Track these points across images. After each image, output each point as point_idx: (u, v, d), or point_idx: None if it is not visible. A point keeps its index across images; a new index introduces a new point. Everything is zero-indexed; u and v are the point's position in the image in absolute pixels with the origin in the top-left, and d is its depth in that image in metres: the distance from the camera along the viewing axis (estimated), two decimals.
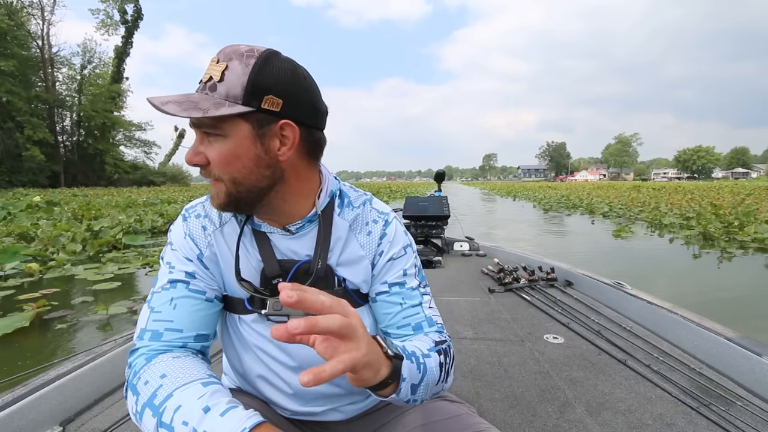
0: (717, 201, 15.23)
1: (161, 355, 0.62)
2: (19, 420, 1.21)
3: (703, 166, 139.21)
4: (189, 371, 0.58)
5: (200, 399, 0.53)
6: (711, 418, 1.34)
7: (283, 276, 0.69)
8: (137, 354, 0.63)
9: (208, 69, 0.60)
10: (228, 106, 0.57)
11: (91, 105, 40.75)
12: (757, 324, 3.56)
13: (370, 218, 0.75)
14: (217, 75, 0.58)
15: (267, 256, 0.69)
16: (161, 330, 0.64)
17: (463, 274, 3.43)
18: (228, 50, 0.59)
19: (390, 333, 0.76)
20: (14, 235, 6.92)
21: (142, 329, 0.65)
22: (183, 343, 0.65)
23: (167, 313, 0.65)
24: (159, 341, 0.64)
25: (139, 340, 0.64)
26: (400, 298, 0.73)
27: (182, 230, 0.71)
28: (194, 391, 0.55)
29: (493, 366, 1.78)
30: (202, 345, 0.67)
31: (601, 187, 42.88)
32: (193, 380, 0.57)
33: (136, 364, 0.61)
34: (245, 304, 0.70)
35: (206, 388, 0.55)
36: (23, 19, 36.29)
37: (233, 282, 0.70)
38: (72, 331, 3.33)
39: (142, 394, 0.56)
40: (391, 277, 0.74)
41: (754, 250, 6.96)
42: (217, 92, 0.58)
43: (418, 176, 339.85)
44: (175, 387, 0.55)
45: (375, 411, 0.82)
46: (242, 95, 0.57)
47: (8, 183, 29.42)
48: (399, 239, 0.75)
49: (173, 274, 0.67)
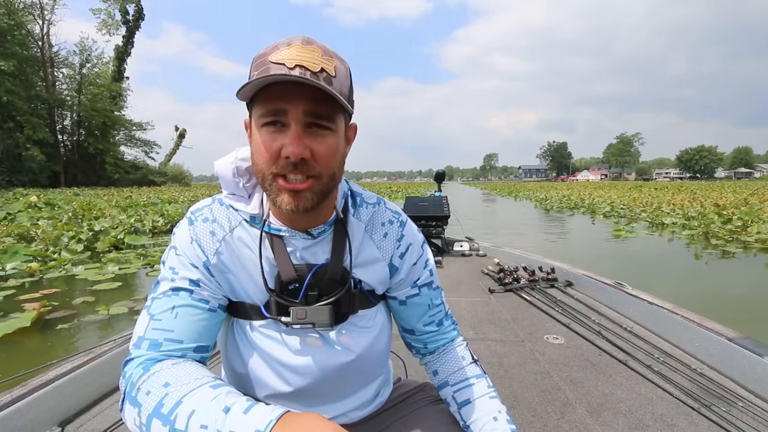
0: (721, 201, 15.21)
1: (159, 363, 0.58)
2: (18, 420, 1.20)
3: (705, 166, 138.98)
4: (192, 376, 0.56)
5: (215, 400, 0.51)
6: (712, 419, 1.33)
7: (299, 281, 0.67)
8: (132, 364, 0.59)
9: (309, 56, 0.56)
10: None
11: (91, 104, 40.76)
12: (759, 324, 3.55)
13: (386, 219, 0.74)
14: (332, 70, 0.57)
15: (283, 261, 0.67)
16: (160, 339, 0.61)
17: (463, 274, 3.43)
18: (321, 45, 0.59)
19: (416, 330, 0.81)
20: (14, 235, 6.92)
21: (139, 337, 0.61)
22: (182, 353, 0.62)
23: (168, 322, 0.61)
24: (157, 351, 0.60)
25: (136, 348, 0.61)
26: (429, 299, 0.78)
27: (188, 234, 0.66)
28: (205, 394, 0.52)
29: (494, 366, 1.78)
30: (201, 356, 0.64)
31: (602, 187, 42.86)
32: (199, 385, 0.54)
33: (132, 375, 0.57)
34: (262, 311, 0.67)
35: (217, 390, 0.53)
36: (23, 18, 36.30)
37: (247, 288, 0.67)
38: (73, 331, 3.33)
39: (145, 405, 0.53)
40: (420, 279, 0.77)
41: (757, 250, 6.94)
42: (333, 87, 0.56)
43: (419, 176, 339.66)
44: (183, 393, 0.53)
45: (378, 415, 0.81)
46: (348, 96, 0.61)
47: (8, 183, 29.40)
48: (417, 240, 0.77)
49: (176, 281, 0.64)
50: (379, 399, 0.82)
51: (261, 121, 0.58)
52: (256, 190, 0.69)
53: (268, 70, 0.55)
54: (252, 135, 0.61)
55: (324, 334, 0.70)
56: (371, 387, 0.79)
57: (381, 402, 0.82)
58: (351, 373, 0.72)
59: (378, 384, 0.80)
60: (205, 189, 36.34)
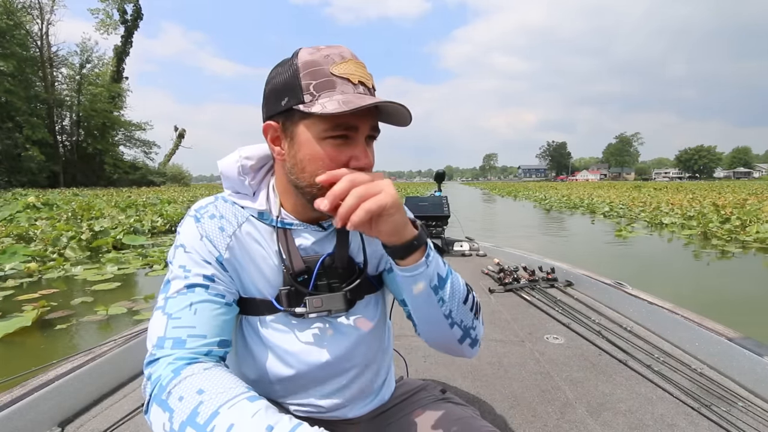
0: (719, 201, 15.23)
1: (189, 366, 0.57)
2: (18, 421, 1.20)
3: (704, 166, 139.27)
4: (228, 385, 0.54)
5: (255, 417, 0.49)
6: (712, 419, 1.33)
7: (308, 273, 0.69)
8: (159, 364, 0.57)
9: (356, 70, 0.62)
10: None
11: (90, 105, 40.75)
12: (760, 324, 3.55)
13: None
14: (371, 83, 0.63)
15: (292, 253, 0.69)
16: (184, 337, 0.59)
17: (463, 274, 3.38)
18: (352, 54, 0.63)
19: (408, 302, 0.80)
20: (13, 235, 6.91)
21: (159, 337, 0.60)
22: (208, 350, 0.61)
23: (188, 319, 0.60)
24: (183, 349, 0.59)
25: (159, 349, 0.59)
26: None
27: (197, 232, 0.67)
28: (244, 408, 0.51)
29: (494, 366, 1.78)
30: (225, 351, 0.64)
31: (601, 187, 42.91)
32: (236, 395, 0.52)
33: (160, 377, 0.56)
34: (274, 304, 0.68)
35: (255, 404, 0.52)
36: (22, 18, 36.25)
37: (257, 283, 0.69)
38: (72, 331, 3.33)
39: (178, 411, 0.51)
40: None
41: (756, 249, 6.96)
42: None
43: (418, 176, 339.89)
44: (220, 403, 0.51)
45: (383, 412, 0.82)
46: None
47: (7, 183, 29.39)
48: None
49: (190, 278, 0.63)
50: (383, 394, 0.83)
51: (325, 134, 0.60)
52: (261, 187, 0.72)
53: (334, 83, 0.59)
54: (301, 144, 0.62)
55: (334, 323, 0.72)
56: (377, 378, 0.80)
57: (384, 398, 0.83)
58: (360, 358, 0.75)
59: (382, 377, 0.82)
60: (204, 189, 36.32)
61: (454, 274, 0.70)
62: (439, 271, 0.65)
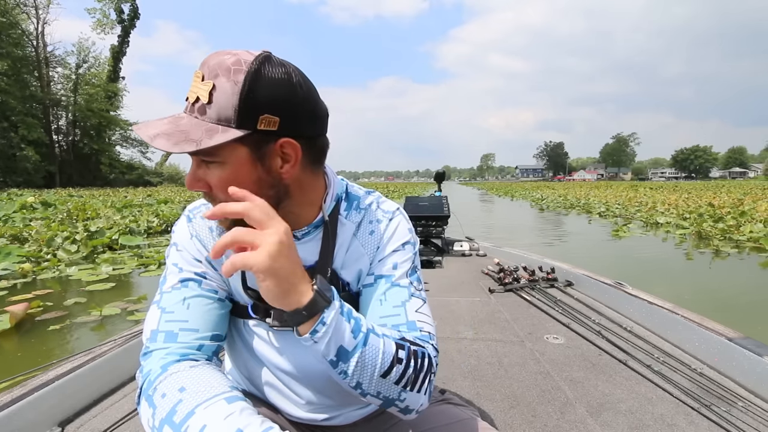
0: (714, 200, 15.32)
1: (177, 363, 0.58)
2: (18, 421, 1.20)
3: (700, 166, 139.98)
4: (209, 384, 0.54)
5: (228, 419, 0.49)
6: (712, 419, 1.34)
7: None
8: (151, 358, 0.59)
9: (193, 86, 0.55)
10: (221, 131, 0.52)
11: (86, 104, 40.52)
12: (759, 324, 3.57)
13: (375, 218, 0.73)
14: (205, 96, 0.53)
15: None
16: (176, 330, 0.60)
17: (463, 274, 3.43)
18: (212, 63, 0.53)
19: None
20: (7, 236, 6.86)
21: (153, 331, 0.61)
22: (200, 344, 0.61)
23: (181, 313, 0.62)
24: (174, 342, 0.60)
25: (152, 342, 0.60)
26: (383, 293, 0.68)
27: (188, 231, 0.68)
28: (219, 409, 0.51)
29: (494, 366, 1.78)
30: (218, 345, 0.65)
31: (598, 187, 43.06)
32: (215, 395, 0.53)
33: (150, 372, 0.57)
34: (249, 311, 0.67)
35: (232, 406, 0.51)
36: (17, 17, 36.02)
37: (238, 287, 0.68)
38: (65, 332, 3.30)
39: (159, 408, 0.52)
40: (381, 269, 0.70)
41: (750, 249, 7.00)
42: (207, 116, 0.53)
43: (416, 176, 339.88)
44: (197, 403, 0.51)
45: (378, 416, 0.81)
46: (235, 118, 0.52)
47: (3, 183, 29.23)
48: (400, 235, 0.72)
49: (183, 273, 0.65)
50: None
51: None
52: None
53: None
54: None
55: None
56: None
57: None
58: None
59: None
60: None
61: (373, 344, 0.56)
62: (342, 343, 0.54)
